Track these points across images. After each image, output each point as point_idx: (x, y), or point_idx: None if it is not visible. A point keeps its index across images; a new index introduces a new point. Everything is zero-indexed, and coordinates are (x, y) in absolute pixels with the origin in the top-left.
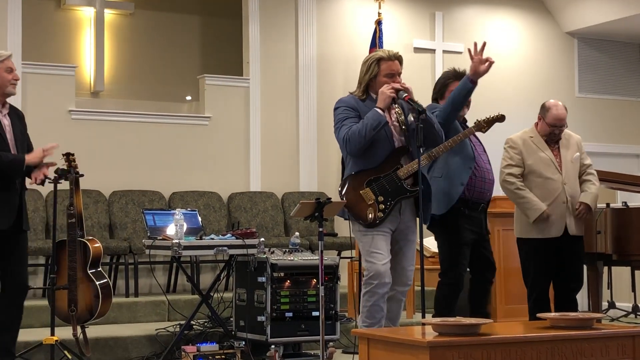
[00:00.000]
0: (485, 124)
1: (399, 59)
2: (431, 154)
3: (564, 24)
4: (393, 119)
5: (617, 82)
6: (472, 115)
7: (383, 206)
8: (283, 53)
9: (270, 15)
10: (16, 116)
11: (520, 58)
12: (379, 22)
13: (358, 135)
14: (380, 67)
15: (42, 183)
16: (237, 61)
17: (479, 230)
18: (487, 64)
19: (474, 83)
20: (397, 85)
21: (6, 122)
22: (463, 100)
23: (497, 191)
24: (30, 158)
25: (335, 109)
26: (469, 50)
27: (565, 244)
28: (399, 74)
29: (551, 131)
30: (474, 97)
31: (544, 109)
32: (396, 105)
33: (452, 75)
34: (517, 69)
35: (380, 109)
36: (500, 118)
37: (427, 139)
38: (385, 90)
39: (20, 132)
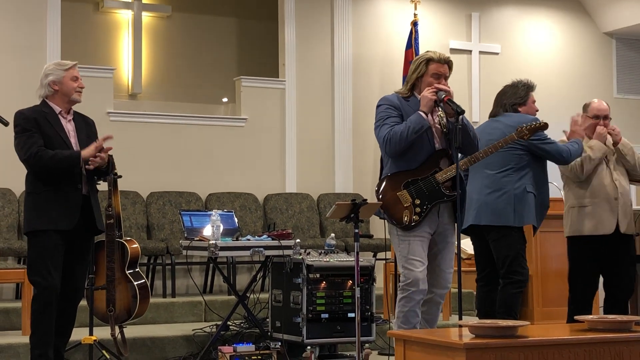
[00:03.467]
0: (528, 132)
1: (448, 63)
2: (471, 159)
3: (602, 24)
4: (435, 121)
5: None
6: None
7: (419, 209)
8: (319, 55)
9: (306, 17)
10: (83, 122)
11: (558, 59)
12: (414, 23)
13: (399, 137)
14: (428, 68)
15: (102, 175)
16: (273, 63)
17: None
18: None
19: None
20: (438, 86)
21: (70, 127)
22: None
23: None
24: (85, 152)
25: (378, 106)
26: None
27: (617, 243)
28: (446, 77)
29: (595, 124)
30: None
31: (585, 107)
32: (439, 108)
33: (531, 86)
34: (555, 70)
35: (423, 112)
36: (544, 126)
37: (463, 144)
38: (427, 94)
39: (87, 136)
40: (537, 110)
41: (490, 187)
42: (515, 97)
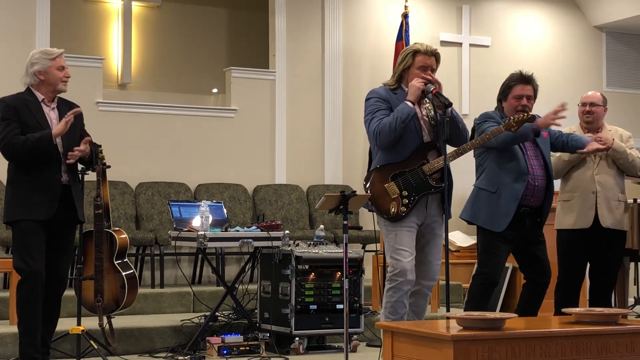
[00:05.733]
0: (515, 124)
1: (435, 55)
2: (458, 151)
3: (592, 17)
4: (423, 113)
5: None
6: None
7: (406, 201)
8: (309, 46)
9: (296, 8)
10: (68, 109)
11: (548, 52)
12: (405, 16)
13: (388, 129)
14: (415, 60)
15: (87, 165)
16: (264, 54)
17: (521, 234)
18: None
19: (537, 135)
20: (427, 77)
21: (53, 115)
22: (522, 141)
23: None
24: (56, 130)
25: (367, 99)
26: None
27: (600, 238)
28: (433, 70)
29: (582, 110)
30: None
31: None
32: (427, 101)
33: (517, 78)
34: (545, 63)
35: (410, 101)
36: (531, 118)
37: (452, 136)
38: (415, 83)
39: (71, 124)
40: (522, 105)
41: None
42: (499, 92)
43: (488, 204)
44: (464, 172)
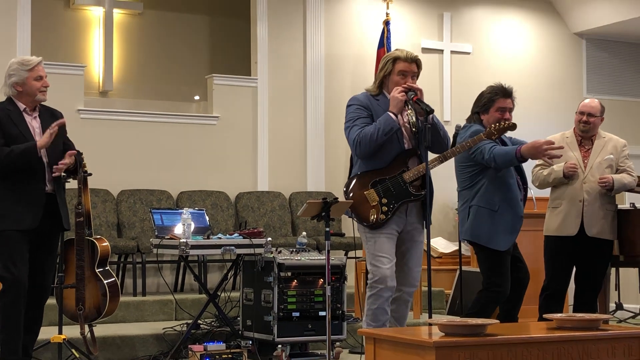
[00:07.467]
0: (496, 132)
1: (416, 61)
2: (440, 158)
3: (573, 24)
4: (405, 120)
5: (625, 83)
6: None
7: (386, 208)
8: (291, 53)
9: (278, 15)
10: (50, 116)
11: (529, 59)
12: (387, 23)
13: (369, 140)
14: (395, 67)
15: (70, 174)
16: (245, 61)
17: None
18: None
19: (520, 161)
20: (406, 86)
21: (36, 124)
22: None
23: None
24: (41, 142)
25: (348, 106)
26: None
27: (586, 245)
28: (414, 76)
29: (579, 119)
30: None
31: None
32: (408, 107)
33: (500, 91)
34: (525, 70)
35: (393, 113)
36: (512, 127)
37: (433, 143)
38: (397, 95)
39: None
40: (504, 119)
41: (459, 203)
42: (477, 104)
43: (490, 222)
44: (444, 179)
